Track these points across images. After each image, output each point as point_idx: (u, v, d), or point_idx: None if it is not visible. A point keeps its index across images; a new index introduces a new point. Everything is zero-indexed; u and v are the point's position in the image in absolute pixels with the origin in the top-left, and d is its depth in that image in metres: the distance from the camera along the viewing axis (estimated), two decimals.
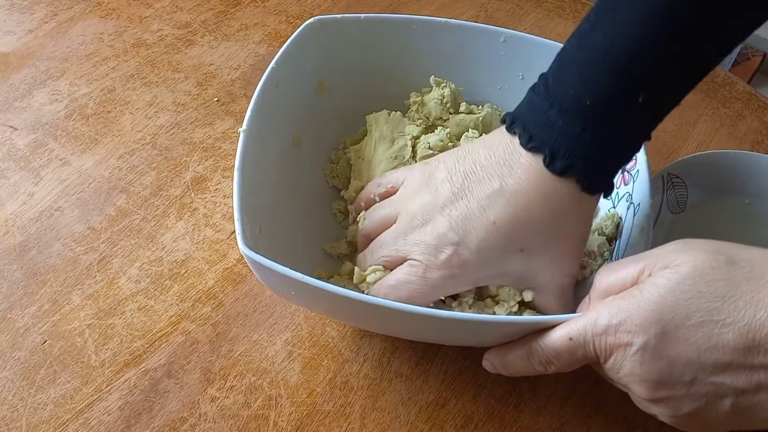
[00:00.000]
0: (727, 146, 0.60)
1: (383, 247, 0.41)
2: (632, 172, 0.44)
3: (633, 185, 0.44)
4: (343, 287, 0.35)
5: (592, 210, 0.38)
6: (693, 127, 0.61)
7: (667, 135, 0.60)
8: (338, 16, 0.50)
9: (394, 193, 0.44)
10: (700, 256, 0.31)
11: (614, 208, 0.45)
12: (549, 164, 0.35)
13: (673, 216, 0.50)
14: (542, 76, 0.37)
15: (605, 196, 0.38)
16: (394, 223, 0.41)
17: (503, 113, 0.41)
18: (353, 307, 0.37)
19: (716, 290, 0.30)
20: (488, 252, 0.37)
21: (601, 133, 0.35)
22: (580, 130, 0.35)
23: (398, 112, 0.51)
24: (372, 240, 0.43)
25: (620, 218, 0.44)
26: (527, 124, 0.36)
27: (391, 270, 0.41)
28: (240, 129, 0.42)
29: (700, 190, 0.51)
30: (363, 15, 0.51)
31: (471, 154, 0.39)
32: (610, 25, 0.34)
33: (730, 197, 0.51)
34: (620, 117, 0.35)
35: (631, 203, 0.43)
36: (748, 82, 0.88)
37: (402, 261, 0.40)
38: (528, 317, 0.39)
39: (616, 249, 0.43)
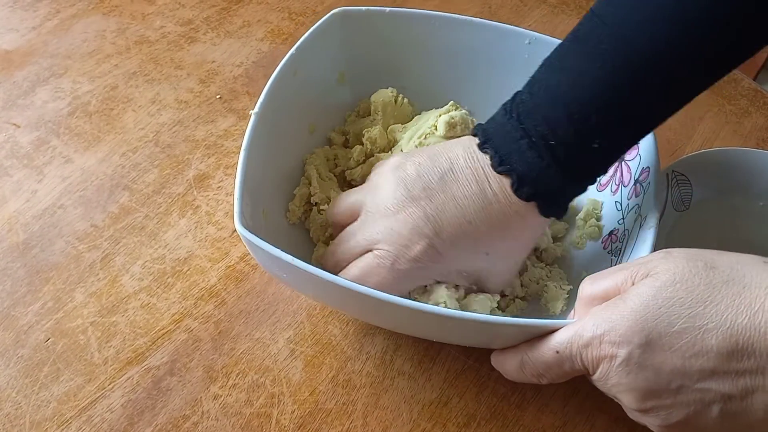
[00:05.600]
0: (733, 143, 0.59)
1: (353, 236, 0.41)
2: (644, 185, 0.43)
3: (643, 198, 0.43)
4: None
5: (545, 227, 0.43)
6: (698, 124, 0.61)
7: (672, 132, 0.60)
8: (363, 8, 0.50)
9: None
10: (680, 263, 0.32)
11: (623, 219, 0.45)
12: (516, 190, 0.38)
13: (677, 214, 0.50)
14: (515, 96, 0.40)
15: (558, 218, 0.42)
16: (360, 214, 0.41)
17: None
18: (340, 293, 0.37)
19: (696, 295, 0.30)
20: (460, 249, 0.39)
21: (562, 170, 0.37)
22: (545, 165, 0.37)
23: (405, 100, 0.51)
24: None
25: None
26: (499, 149, 0.38)
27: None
28: (252, 111, 0.42)
29: (704, 187, 0.51)
30: (388, 8, 0.50)
31: (447, 153, 0.40)
32: (574, 63, 0.37)
33: (735, 195, 0.51)
34: (580, 159, 0.38)
35: (639, 215, 0.43)
36: (754, 79, 0.87)
37: (367, 251, 0.40)
38: (525, 320, 0.39)
39: (619, 260, 0.43)
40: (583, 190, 0.40)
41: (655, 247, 0.39)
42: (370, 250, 0.39)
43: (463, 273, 0.41)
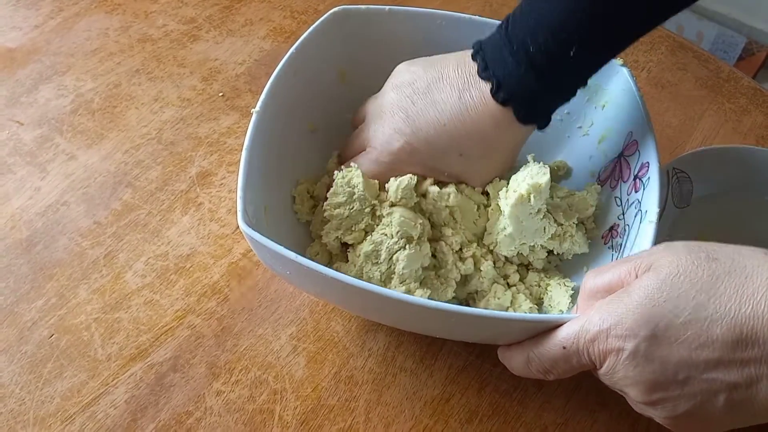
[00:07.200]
0: (732, 141, 0.60)
1: (356, 137, 0.48)
2: (643, 180, 0.43)
3: (643, 193, 0.43)
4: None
5: (525, 135, 0.45)
6: (698, 121, 0.61)
7: (672, 130, 0.60)
8: (363, 7, 0.50)
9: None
10: (682, 255, 0.32)
11: (623, 214, 0.45)
12: (494, 94, 0.41)
13: (678, 210, 0.50)
14: (508, 15, 0.43)
15: (539, 128, 0.44)
16: (366, 118, 0.48)
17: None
18: (342, 290, 0.37)
19: (700, 287, 0.31)
20: (434, 148, 0.44)
21: (538, 77, 0.40)
22: (523, 71, 0.40)
23: None
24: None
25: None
26: (486, 55, 0.42)
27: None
28: (253, 110, 0.42)
29: (705, 184, 0.51)
30: (388, 7, 0.51)
31: (441, 65, 0.45)
32: None
33: (736, 192, 0.51)
34: (555, 66, 0.40)
35: (639, 210, 0.43)
36: (753, 77, 0.87)
37: (363, 149, 0.47)
38: (526, 315, 0.39)
39: (620, 256, 0.43)
40: (563, 100, 0.43)
41: (657, 243, 0.39)
42: (365, 148, 0.46)
43: (441, 171, 0.45)
